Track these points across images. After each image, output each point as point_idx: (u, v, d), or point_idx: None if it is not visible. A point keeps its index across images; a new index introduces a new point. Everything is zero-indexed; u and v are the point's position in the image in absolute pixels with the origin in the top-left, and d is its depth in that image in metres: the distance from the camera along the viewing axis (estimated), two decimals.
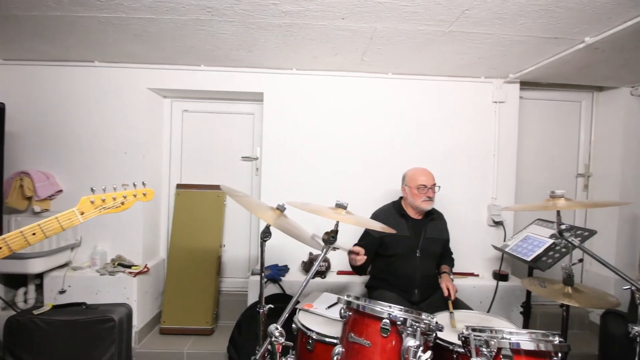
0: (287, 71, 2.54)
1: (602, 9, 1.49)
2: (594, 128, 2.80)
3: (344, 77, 2.55)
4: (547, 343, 1.01)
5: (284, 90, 2.56)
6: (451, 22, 1.70)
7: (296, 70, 2.53)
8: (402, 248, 1.96)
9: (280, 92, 2.56)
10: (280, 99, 2.56)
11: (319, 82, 2.56)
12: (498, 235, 2.52)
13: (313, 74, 2.55)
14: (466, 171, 2.58)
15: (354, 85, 2.56)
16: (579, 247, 1.23)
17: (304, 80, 2.55)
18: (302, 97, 2.57)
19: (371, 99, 2.57)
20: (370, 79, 2.56)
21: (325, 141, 2.57)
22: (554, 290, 1.45)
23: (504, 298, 2.34)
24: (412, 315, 1.10)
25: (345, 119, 2.57)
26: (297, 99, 2.57)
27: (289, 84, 2.56)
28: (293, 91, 2.56)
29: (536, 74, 2.37)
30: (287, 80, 2.55)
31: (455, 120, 2.58)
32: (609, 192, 2.63)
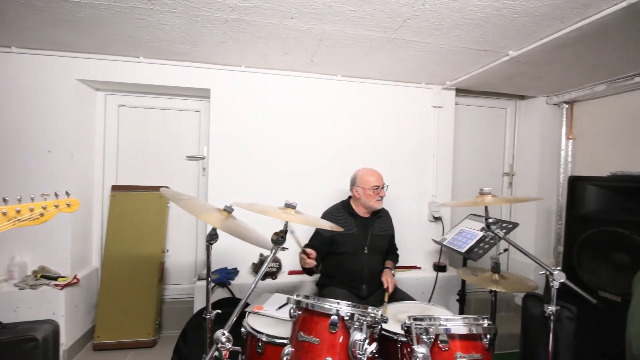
0: (236, 68, 2.47)
1: (522, 27, 1.68)
2: (517, 132, 3.16)
3: (294, 77, 2.55)
4: (478, 326, 1.12)
5: (232, 88, 2.48)
6: (395, 30, 1.79)
7: (245, 67, 2.47)
8: (352, 246, 2.02)
9: (228, 89, 2.48)
10: (228, 97, 2.48)
11: (269, 81, 2.53)
12: (437, 229, 2.72)
13: (263, 72, 2.51)
14: (409, 171, 2.74)
15: (304, 85, 2.58)
16: (503, 238, 1.38)
17: (253, 78, 2.50)
18: (252, 95, 2.51)
19: (321, 100, 2.61)
20: (320, 80, 2.59)
21: (276, 141, 2.55)
22: (484, 278, 1.61)
23: (442, 288, 2.53)
24: (359, 310, 1.14)
25: (296, 119, 2.58)
26: (247, 97, 2.51)
27: (238, 81, 2.49)
28: (242, 89, 2.50)
29: (469, 82, 2.60)
30: (236, 77, 2.48)
31: (399, 122, 2.73)
32: (529, 189, 2.99)
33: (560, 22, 1.61)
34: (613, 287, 1.92)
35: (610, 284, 1.95)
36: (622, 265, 1.91)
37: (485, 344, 1.11)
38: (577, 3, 1.44)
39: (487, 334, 1.12)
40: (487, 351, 1.12)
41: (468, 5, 1.51)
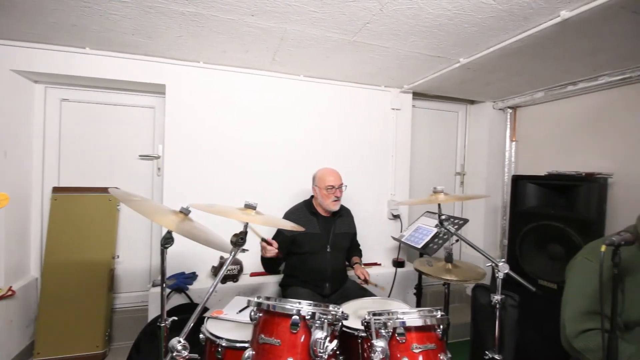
0: (194, 64, 2.37)
1: (471, 36, 1.80)
2: (467, 134, 3.38)
3: (256, 75, 2.51)
4: (432, 318, 1.18)
5: (190, 84, 2.38)
6: (355, 33, 1.83)
7: (204, 63, 2.38)
8: (314, 245, 2.04)
9: (185, 86, 2.38)
10: (185, 93, 2.38)
11: (229, 78, 2.46)
12: (396, 227, 2.82)
13: (223, 69, 2.43)
14: (370, 170, 2.82)
15: (266, 84, 2.55)
16: (454, 233, 1.47)
17: (213, 74, 2.42)
18: (211, 92, 2.43)
19: (284, 99, 2.60)
20: (282, 79, 2.58)
21: (237, 140, 2.49)
22: (438, 267, 1.69)
23: (401, 282, 2.64)
24: (320, 308, 1.15)
25: (257, 118, 2.54)
26: (206, 94, 2.42)
27: (196, 78, 2.39)
28: (201, 85, 2.41)
29: (424, 87, 2.74)
30: (193, 73, 2.38)
31: (360, 123, 2.79)
32: (478, 188, 3.21)
33: (504, 33, 1.74)
34: (550, 276, 2.13)
35: (547, 273, 2.15)
36: (557, 256, 2.13)
37: (439, 334, 1.18)
38: (518, 16, 1.57)
39: (440, 325, 1.18)
40: (440, 341, 1.18)
41: (423, 13, 1.58)
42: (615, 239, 1.07)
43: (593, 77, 2.28)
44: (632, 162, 2.17)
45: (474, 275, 1.64)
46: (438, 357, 1.14)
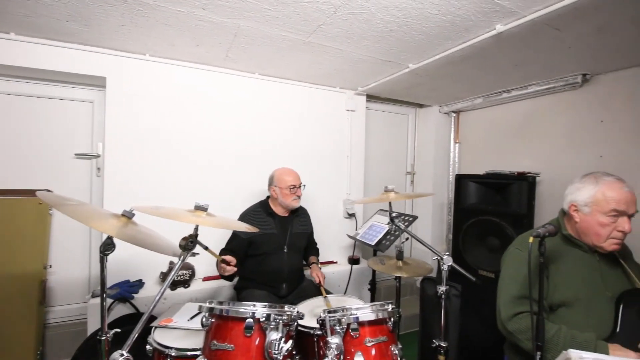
0: (139, 56, 2.21)
1: (419, 43, 1.90)
2: (417, 136, 3.57)
3: (208, 71, 2.41)
4: (384, 311, 1.23)
5: (134, 77, 2.22)
6: (310, 33, 1.84)
7: (150, 56, 2.23)
8: (271, 245, 2.02)
9: (129, 79, 2.21)
10: (129, 87, 2.21)
11: (179, 73, 2.33)
12: (352, 225, 2.90)
13: (172, 63, 2.30)
14: (326, 170, 2.86)
15: (219, 81, 2.46)
16: (404, 230, 1.55)
17: (160, 68, 2.28)
18: (158, 87, 2.28)
19: (238, 97, 2.53)
20: (237, 76, 2.51)
21: (187, 138, 2.37)
22: (390, 265, 1.78)
23: (357, 279, 2.71)
24: (275, 309, 1.14)
25: (209, 116, 2.44)
26: (152, 89, 2.27)
27: (141, 71, 2.23)
28: (147, 79, 2.25)
29: (377, 89, 2.84)
30: (138, 66, 2.22)
31: (316, 124, 2.82)
32: (426, 186, 3.41)
33: (448, 42, 1.87)
34: (489, 266, 2.33)
35: (486, 264, 2.36)
36: (494, 248, 2.33)
37: (390, 326, 1.24)
38: (459, 27, 1.70)
39: (392, 317, 1.24)
40: (391, 333, 1.24)
41: (374, 18, 1.64)
42: (541, 231, 1.20)
43: (524, 86, 2.54)
44: (555, 162, 2.45)
45: (422, 271, 1.75)
46: (389, 349, 1.19)
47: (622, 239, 1.32)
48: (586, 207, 1.33)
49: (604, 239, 1.32)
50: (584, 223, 1.35)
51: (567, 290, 1.35)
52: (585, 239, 1.37)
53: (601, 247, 1.35)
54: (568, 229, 1.44)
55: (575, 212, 1.37)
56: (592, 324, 1.29)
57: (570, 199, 1.39)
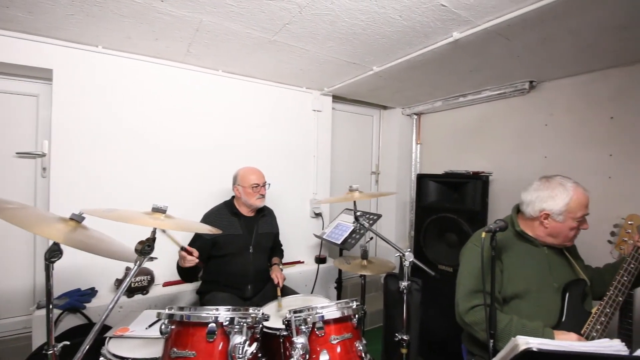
0: (90, 48, 2.06)
1: (382, 47, 1.96)
2: (381, 137, 3.67)
3: (168, 66, 2.30)
4: (348, 308, 1.25)
5: (85, 71, 2.06)
6: (275, 32, 1.83)
7: (103, 48, 2.09)
8: (236, 246, 1.98)
9: (79, 72, 2.05)
10: (79, 81, 2.05)
11: (135, 67, 2.21)
12: (318, 225, 2.92)
13: (128, 57, 2.17)
14: (293, 170, 2.85)
15: (180, 77, 2.36)
16: (368, 228, 1.59)
17: (114, 62, 2.14)
18: (112, 81, 2.14)
19: (201, 94, 2.44)
20: (200, 73, 2.42)
21: (145, 136, 2.25)
22: (355, 264, 1.82)
23: (323, 278, 2.74)
24: (239, 312, 1.12)
25: (169, 112, 2.33)
26: (105, 83, 2.12)
27: (92, 64, 2.08)
28: (99, 73, 2.10)
29: (343, 90, 2.88)
30: (89, 58, 2.07)
31: (282, 123, 2.80)
32: (390, 185, 3.51)
33: (409, 47, 1.94)
34: (448, 261, 2.45)
35: (446, 259, 2.48)
36: (453, 243, 2.46)
37: (354, 323, 1.26)
38: (420, 33, 1.77)
39: (356, 314, 1.27)
40: (356, 329, 1.26)
41: (339, 20, 1.66)
42: (492, 226, 1.29)
43: (478, 90, 2.70)
44: (506, 162, 2.64)
45: (386, 269, 1.80)
46: (354, 345, 1.22)
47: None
48: (560, 216, 1.42)
49: (572, 239, 1.46)
50: (555, 229, 1.44)
51: (519, 283, 1.45)
52: (551, 239, 1.47)
53: (564, 244, 1.48)
54: (521, 225, 1.54)
55: (546, 220, 1.45)
56: (542, 313, 1.40)
57: (541, 206, 1.45)
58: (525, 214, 1.52)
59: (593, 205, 1.49)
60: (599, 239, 1.61)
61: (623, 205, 1.58)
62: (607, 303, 1.33)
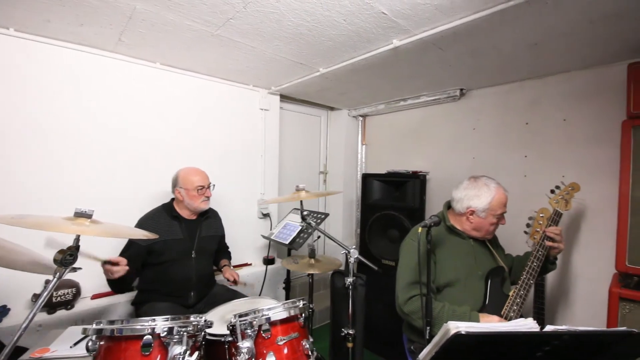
0: (1, 30, 1.78)
1: (328, 49, 1.99)
2: (329, 137, 3.74)
3: (96, 55, 2.08)
4: (295, 308, 1.25)
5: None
6: (218, 26, 1.76)
7: (16, 31, 1.81)
8: (176, 252, 1.86)
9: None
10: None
11: (57, 54, 1.95)
12: (266, 225, 2.88)
13: (46, 42, 1.91)
14: (239, 170, 2.77)
15: (111, 67, 2.14)
16: (315, 227, 1.61)
17: (30, 47, 1.87)
18: (27, 68, 1.87)
19: (135, 88, 2.25)
20: (133, 64, 2.22)
21: (71, 132, 2.01)
22: (303, 264, 1.83)
23: (272, 279, 2.70)
24: (179, 321, 1.06)
25: (99, 107, 2.11)
26: (19, 71, 1.85)
27: (2, 48, 1.80)
28: (10, 59, 1.82)
29: (290, 90, 2.88)
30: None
31: (228, 122, 2.70)
32: (337, 185, 3.60)
33: (353, 51, 2.00)
34: (390, 256, 2.59)
35: (388, 254, 2.61)
36: (394, 239, 2.60)
37: (302, 322, 1.27)
38: (363, 38, 1.84)
39: (303, 313, 1.27)
40: (303, 328, 1.27)
41: (285, 19, 1.66)
42: (427, 222, 1.39)
43: (416, 95, 2.89)
44: (441, 162, 2.86)
45: (333, 266, 1.84)
46: (301, 344, 1.22)
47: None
48: (483, 213, 1.59)
49: (492, 232, 1.65)
50: (478, 224, 1.62)
51: (450, 273, 1.59)
52: (475, 232, 1.65)
53: (486, 237, 1.66)
54: (451, 220, 1.70)
55: (472, 216, 1.62)
56: (469, 298, 1.56)
57: (468, 204, 1.61)
58: (455, 210, 1.68)
59: (512, 200, 1.69)
60: (517, 230, 1.83)
61: (536, 201, 1.82)
62: (521, 286, 1.52)
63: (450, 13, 1.53)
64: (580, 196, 1.73)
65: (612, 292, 1.64)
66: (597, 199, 1.99)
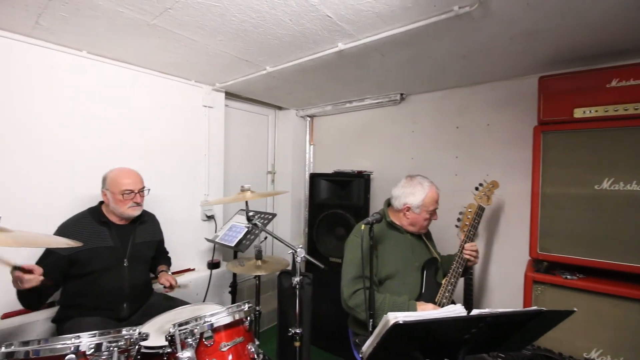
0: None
1: (274, 48, 1.97)
2: (277, 137, 3.71)
3: (8, 38, 1.80)
4: (240, 312, 1.22)
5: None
6: (155, 16, 1.64)
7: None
8: (106, 261, 1.69)
9: None
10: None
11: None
12: (211, 228, 2.75)
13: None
14: (181, 170, 2.60)
15: (27, 54, 1.87)
16: (262, 228, 1.59)
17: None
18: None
19: (58, 77, 1.99)
20: (55, 51, 1.96)
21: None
22: (250, 265, 1.79)
23: (217, 284, 2.60)
24: (109, 336, 0.96)
25: (11, 98, 1.83)
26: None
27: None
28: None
29: (236, 88, 2.79)
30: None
31: (168, 118, 2.52)
32: (285, 184, 3.58)
33: (300, 51, 2.01)
34: (337, 253, 2.65)
35: (335, 251, 2.67)
36: (341, 237, 2.68)
37: (247, 325, 1.24)
38: (309, 39, 1.85)
39: (248, 316, 1.25)
40: (248, 332, 1.24)
41: (228, 14, 1.60)
42: (370, 219, 1.46)
43: (361, 98, 3.00)
44: (383, 162, 3.01)
45: (280, 267, 1.83)
46: (246, 348, 1.20)
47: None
48: (418, 209, 1.72)
49: (426, 227, 1.79)
50: (414, 219, 1.74)
51: (390, 265, 1.69)
52: (411, 227, 1.77)
53: (420, 232, 1.78)
54: (391, 217, 1.80)
55: (408, 212, 1.74)
56: (408, 289, 1.67)
57: (404, 201, 1.74)
58: (394, 207, 1.79)
59: (445, 197, 1.85)
60: (450, 224, 2.00)
61: (466, 197, 2.00)
62: (452, 275, 1.67)
63: (391, 22, 1.62)
64: (499, 192, 1.95)
65: (527, 276, 1.87)
66: (514, 194, 2.26)
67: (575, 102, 1.78)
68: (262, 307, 2.03)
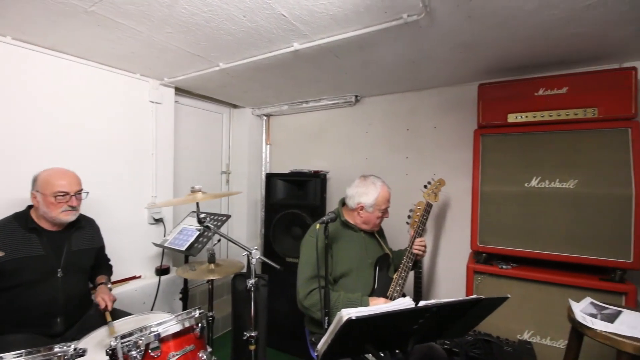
0: None
1: (227, 44, 1.90)
2: (231, 136, 3.60)
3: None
4: (190, 319, 1.16)
5: None
6: (94, 2, 1.50)
7: None
8: (35, 272, 1.52)
9: None
10: None
11: None
12: (159, 231, 2.59)
13: None
14: (125, 170, 2.41)
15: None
16: (214, 230, 1.53)
17: None
18: None
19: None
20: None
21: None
22: (201, 270, 1.71)
23: (166, 291, 2.45)
24: (38, 355, 0.87)
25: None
26: None
27: None
28: None
29: (187, 83, 2.66)
30: None
31: (108, 113, 2.32)
32: (241, 185, 3.49)
33: (254, 49, 1.97)
34: (293, 253, 2.65)
35: (292, 251, 2.67)
36: (297, 236, 2.67)
37: (198, 332, 1.19)
38: (264, 37, 1.82)
39: (199, 323, 1.19)
40: (199, 339, 1.19)
41: (177, 5, 1.52)
42: (325, 218, 1.48)
43: (318, 99, 3.03)
44: (339, 162, 3.07)
45: (235, 269, 1.78)
46: (197, 356, 1.14)
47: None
48: (370, 208, 1.77)
49: (378, 225, 1.85)
50: (367, 218, 1.79)
51: (345, 264, 1.72)
52: (364, 225, 1.82)
53: (373, 229, 1.83)
54: (345, 216, 1.84)
55: (362, 211, 1.79)
56: (361, 285, 1.71)
57: (358, 200, 1.78)
58: (348, 206, 1.84)
59: (396, 196, 1.93)
60: (401, 221, 2.09)
61: (415, 195, 2.11)
62: (402, 269, 1.76)
63: (344, 25, 1.66)
64: (445, 190, 2.09)
65: (469, 267, 2.03)
66: (458, 192, 2.43)
67: (509, 108, 1.97)
68: (216, 313, 1.95)
